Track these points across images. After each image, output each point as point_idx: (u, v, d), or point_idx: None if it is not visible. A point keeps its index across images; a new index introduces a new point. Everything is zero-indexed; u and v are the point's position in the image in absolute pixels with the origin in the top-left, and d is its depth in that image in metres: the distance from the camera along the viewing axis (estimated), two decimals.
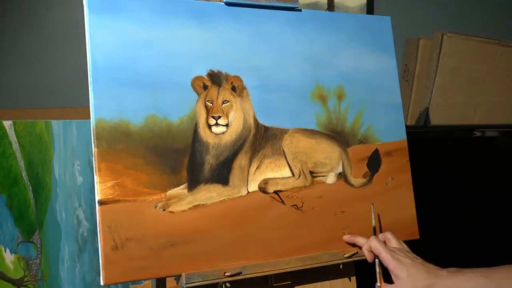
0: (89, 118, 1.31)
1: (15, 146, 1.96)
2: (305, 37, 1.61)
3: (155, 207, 1.36)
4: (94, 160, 1.31)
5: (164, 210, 1.36)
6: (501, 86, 2.49)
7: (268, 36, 1.56)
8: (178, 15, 1.45)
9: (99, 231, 1.29)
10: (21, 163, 1.97)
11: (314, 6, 2.89)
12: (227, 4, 1.52)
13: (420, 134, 2.30)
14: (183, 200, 1.38)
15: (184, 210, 1.38)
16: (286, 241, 1.50)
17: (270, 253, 1.48)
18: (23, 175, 1.98)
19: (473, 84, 2.44)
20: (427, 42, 2.56)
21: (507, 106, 2.51)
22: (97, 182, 1.30)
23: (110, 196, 1.31)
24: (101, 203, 1.30)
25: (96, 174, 1.31)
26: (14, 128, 1.95)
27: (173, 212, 1.37)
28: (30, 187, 1.99)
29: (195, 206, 1.40)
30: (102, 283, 1.28)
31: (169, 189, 1.37)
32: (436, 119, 2.41)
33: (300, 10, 1.62)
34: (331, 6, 2.92)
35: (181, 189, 1.39)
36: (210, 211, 1.42)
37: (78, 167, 2.08)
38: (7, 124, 1.94)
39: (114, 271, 1.29)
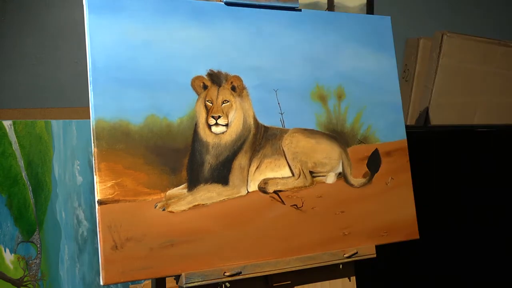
0: (89, 118, 1.31)
1: (15, 146, 1.96)
2: (305, 37, 1.62)
3: (155, 207, 1.36)
4: (94, 160, 1.31)
5: (164, 210, 1.36)
6: (501, 86, 2.49)
7: (268, 36, 1.56)
8: (178, 15, 1.45)
9: (99, 231, 1.30)
10: (21, 163, 1.97)
11: (314, 6, 2.89)
12: (227, 4, 1.52)
13: (420, 134, 2.30)
14: (183, 200, 1.38)
15: (184, 210, 1.38)
16: (286, 241, 1.50)
17: (270, 253, 1.48)
18: (23, 175, 1.97)
19: (473, 84, 2.44)
20: (427, 42, 2.56)
21: (507, 106, 2.50)
22: (96, 182, 1.31)
23: (110, 196, 1.32)
24: (101, 203, 1.30)
25: (95, 174, 1.31)
26: (14, 128, 1.95)
27: (173, 212, 1.37)
28: (30, 187, 1.98)
29: (195, 206, 1.40)
30: (101, 283, 1.28)
31: (169, 189, 1.38)
32: (436, 119, 2.41)
33: (300, 10, 1.62)
34: (331, 6, 2.92)
35: (181, 189, 1.39)
36: (210, 211, 1.42)
37: (78, 167, 2.08)
38: (7, 124, 1.94)
39: (114, 271, 1.30)
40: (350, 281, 1.65)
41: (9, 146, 1.94)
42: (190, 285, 1.36)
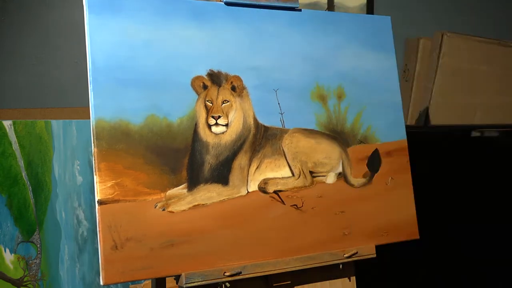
0: (89, 118, 1.32)
1: (15, 146, 1.95)
2: (305, 37, 1.62)
3: (155, 207, 1.36)
4: (94, 160, 1.32)
5: (163, 210, 1.37)
6: (501, 86, 2.49)
7: (268, 36, 1.57)
8: (178, 15, 1.46)
9: (99, 230, 1.30)
10: (21, 163, 1.97)
11: (314, 6, 2.88)
12: (227, 4, 1.52)
13: (420, 134, 2.30)
14: (183, 200, 1.39)
15: (184, 210, 1.39)
16: (286, 241, 1.51)
17: (270, 253, 1.48)
18: (23, 175, 1.97)
19: (473, 84, 2.44)
20: (427, 42, 2.55)
21: (507, 106, 2.50)
22: (96, 182, 1.31)
23: (110, 196, 1.32)
24: (101, 203, 1.31)
25: (95, 174, 1.31)
26: (14, 128, 1.95)
27: (173, 212, 1.37)
28: (30, 187, 1.98)
29: (194, 206, 1.40)
30: (101, 283, 1.29)
31: (169, 189, 1.38)
32: (436, 119, 2.41)
33: (300, 10, 1.63)
34: (331, 6, 2.92)
35: (181, 189, 1.39)
36: (210, 211, 1.42)
37: (78, 167, 2.08)
38: (7, 124, 1.94)
39: (114, 271, 1.30)
40: (350, 281, 1.65)
41: (9, 146, 1.94)
42: (190, 285, 1.36)
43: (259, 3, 1.56)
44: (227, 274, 1.40)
